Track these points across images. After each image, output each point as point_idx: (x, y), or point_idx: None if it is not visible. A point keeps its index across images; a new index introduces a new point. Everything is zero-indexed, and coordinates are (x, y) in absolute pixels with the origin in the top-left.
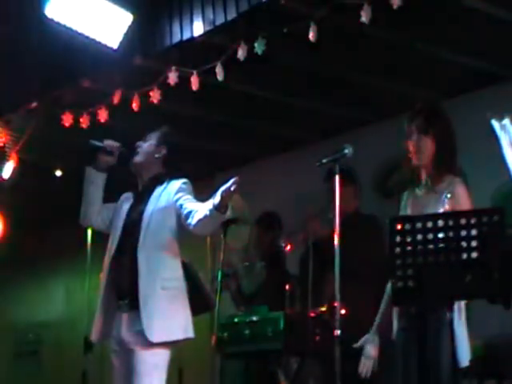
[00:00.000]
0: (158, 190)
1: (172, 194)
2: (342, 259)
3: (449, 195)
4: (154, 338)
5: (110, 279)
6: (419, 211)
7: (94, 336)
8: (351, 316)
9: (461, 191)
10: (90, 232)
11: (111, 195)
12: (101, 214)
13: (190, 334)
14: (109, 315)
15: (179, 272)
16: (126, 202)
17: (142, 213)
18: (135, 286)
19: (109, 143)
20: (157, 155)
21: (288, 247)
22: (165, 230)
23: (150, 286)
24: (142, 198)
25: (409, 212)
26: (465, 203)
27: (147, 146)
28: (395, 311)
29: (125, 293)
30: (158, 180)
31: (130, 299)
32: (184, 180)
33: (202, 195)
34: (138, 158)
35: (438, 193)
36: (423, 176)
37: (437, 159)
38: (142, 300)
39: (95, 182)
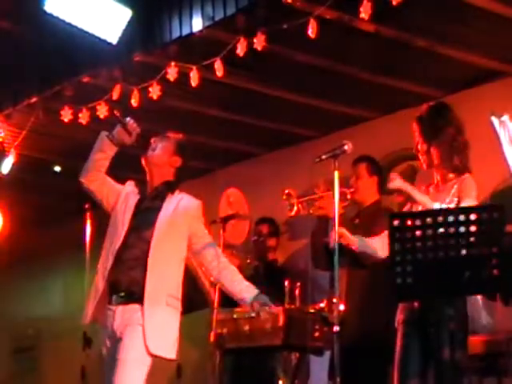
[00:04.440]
0: (171, 199)
1: (190, 217)
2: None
3: (457, 193)
4: (154, 350)
5: (108, 270)
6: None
7: (87, 319)
8: (366, 307)
9: (467, 185)
10: (88, 228)
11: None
12: (104, 186)
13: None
14: (100, 302)
15: (180, 292)
16: (131, 195)
17: (154, 219)
18: (136, 286)
19: (131, 123)
20: (171, 162)
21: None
22: (177, 248)
23: (156, 299)
24: (152, 201)
25: (420, 209)
26: (468, 194)
27: (165, 147)
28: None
29: (122, 288)
30: (170, 187)
31: (126, 294)
32: (199, 202)
33: (201, 192)
34: (153, 154)
35: (447, 190)
36: (434, 175)
37: (446, 160)
38: (147, 311)
39: (105, 151)
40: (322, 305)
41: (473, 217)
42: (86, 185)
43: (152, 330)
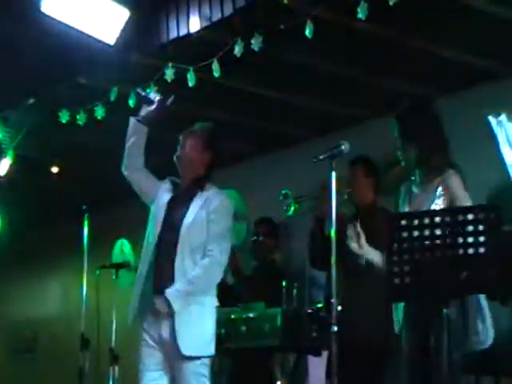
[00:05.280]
0: (199, 198)
1: (210, 213)
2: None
3: (442, 191)
4: (189, 351)
5: (150, 271)
6: (415, 209)
7: (131, 320)
8: (364, 307)
9: (454, 183)
10: (86, 229)
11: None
12: (144, 182)
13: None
14: (144, 301)
15: (213, 288)
16: (165, 194)
17: (181, 219)
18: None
19: (152, 94)
20: (202, 158)
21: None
22: (201, 245)
23: (186, 303)
24: (182, 199)
25: (406, 209)
26: (460, 193)
27: (193, 144)
28: (399, 306)
29: (159, 292)
30: (199, 183)
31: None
32: (222, 198)
33: None
34: (183, 153)
35: (431, 190)
36: (416, 174)
37: (426, 159)
38: (177, 318)
39: (136, 133)
40: (319, 305)
41: (470, 217)
42: (129, 178)
43: (183, 333)
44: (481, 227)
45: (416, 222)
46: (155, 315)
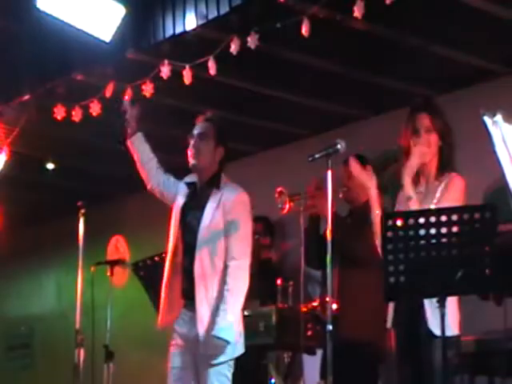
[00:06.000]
0: (215, 195)
1: (226, 213)
2: (350, 249)
3: (443, 192)
4: (211, 359)
5: (173, 273)
6: (418, 206)
7: (160, 323)
8: (359, 306)
9: (454, 183)
10: (81, 226)
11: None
12: (163, 183)
13: (242, 349)
14: (172, 304)
15: None
16: (182, 194)
17: (198, 222)
18: (190, 294)
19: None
20: (215, 156)
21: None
22: (219, 248)
23: (204, 305)
24: (198, 200)
25: (408, 206)
26: (453, 193)
27: (205, 146)
28: (391, 304)
29: (189, 293)
30: (214, 182)
31: (187, 301)
32: (237, 194)
33: None
34: (196, 162)
35: (433, 189)
36: (424, 173)
37: (439, 156)
38: (198, 318)
39: (134, 148)
40: (314, 304)
41: (466, 216)
42: (153, 193)
43: (207, 339)
44: (476, 227)
45: (411, 221)
46: (182, 317)
